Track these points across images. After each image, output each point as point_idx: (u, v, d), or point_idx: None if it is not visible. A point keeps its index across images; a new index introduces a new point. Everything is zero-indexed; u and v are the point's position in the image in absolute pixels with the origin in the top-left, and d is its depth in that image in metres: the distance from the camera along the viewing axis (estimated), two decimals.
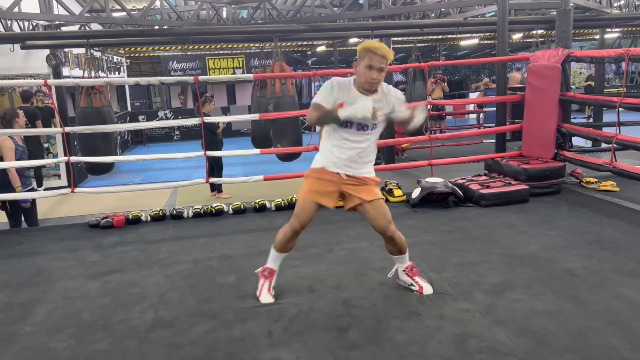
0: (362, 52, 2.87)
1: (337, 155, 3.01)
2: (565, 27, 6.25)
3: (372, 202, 3.04)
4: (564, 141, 6.00)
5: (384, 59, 2.83)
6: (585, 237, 4.14)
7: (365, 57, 2.85)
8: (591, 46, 18.62)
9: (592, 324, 2.73)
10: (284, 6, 9.25)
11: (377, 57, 2.82)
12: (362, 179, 3.05)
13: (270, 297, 3.18)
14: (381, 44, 2.87)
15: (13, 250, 4.61)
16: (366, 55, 2.84)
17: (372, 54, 2.82)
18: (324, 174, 3.05)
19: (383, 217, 3.06)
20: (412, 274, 3.23)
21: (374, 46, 2.85)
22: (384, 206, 3.07)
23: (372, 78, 2.86)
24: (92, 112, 6.39)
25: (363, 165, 3.06)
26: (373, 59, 2.83)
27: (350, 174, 3.02)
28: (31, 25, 8.47)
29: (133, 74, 17.72)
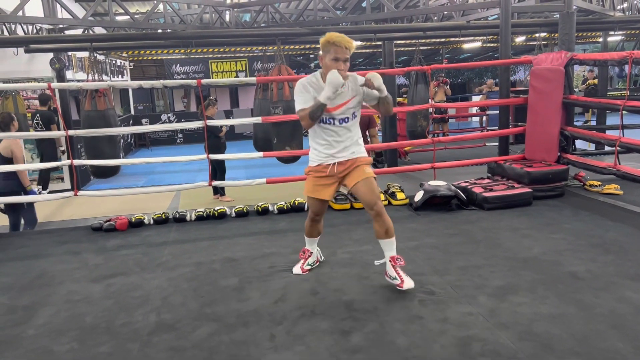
0: (327, 45, 3.08)
1: (327, 152, 3.30)
2: (568, 30, 6.25)
3: (363, 180, 3.25)
4: (567, 144, 5.99)
5: (347, 50, 3.07)
6: (589, 241, 4.13)
7: (330, 51, 3.07)
8: (594, 49, 18.59)
9: (596, 328, 2.72)
10: (286, 10, 9.28)
11: (341, 49, 3.05)
12: (352, 160, 3.31)
13: (300, 270, 3.65)
14: (343, 36, 3.07)
15: (16, 253, 4.62)
16: (331, 48, 3.07)
17: (336, 47, 3.05)
18: (320, 169, 3.35)
19: (372, 192, 3.24)
20: (396, 264, 3.28)
21: (337, 39, 3.05)
22: (373, 183, 3.26)
23: (340, 69, 3.07)
24: (97, 115, 6.41)
25: (351, 147, 3.32)
26: (338, 51, 3.06)
27: (341, 160, 3.30)
28: (35, 28, 8.50)
29: (136, 77, 17.77)
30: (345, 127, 3.29)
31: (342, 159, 3.32)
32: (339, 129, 3.28)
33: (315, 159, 3.40)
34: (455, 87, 21.87)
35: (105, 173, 6.80)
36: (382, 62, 9.55)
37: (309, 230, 3.64)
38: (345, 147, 3.31)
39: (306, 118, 3.16)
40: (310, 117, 3.13)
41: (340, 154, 3.31)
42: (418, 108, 7.91)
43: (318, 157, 3.37)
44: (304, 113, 3.16)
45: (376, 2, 9.48)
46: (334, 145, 3.30)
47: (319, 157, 3.36)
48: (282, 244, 4.43)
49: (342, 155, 3.31)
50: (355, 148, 3.36)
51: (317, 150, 3.37)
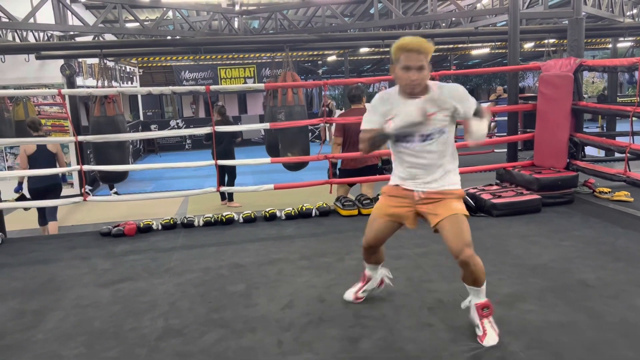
0: (396, 52, 2.57)
1: (407, 172, 2.74)
2: (578, 36, 6.22)
3: (447, 218, 2.64)
4: (576, 151, 5.95)
5: (422, 54, 2.51)
6: (599, 248, 4.09)
7: (400, 59, 2.55)
8: (604, 55, 18.50)
9: (607, 336, 2.69)
10: (295, 16, 9.31)
11: (412, 55, 2.51)
12: (440, 193, 2.70)
13: (352, 296, 3.22)
14: (416, 39, 2.53)
15: (26, 258, 4.65)
16: (400, 55, 2.54)
17: (406, 53, 2.51)
18: (397, 191, 2.80)
19: (458, 236, 2.61)
20: (482, 314, 2.70)
21: (407, 43, 2.52)
22: (461, 223, 2.64)
23: (412, 80, 2.54)
24: (106, 121, 6.46)
25: (441, 176, 2.71)
26: (408, 58, 2.52)
27: (427, 190, 2.70)
28: (46, 35, 8.59)
29: (145, 83, 17.90)
30: (429, 147, 2.64)
31: (427, 187, 2.71)
32: (420, 149, 2.66)
33: (394, 177, 2.86)
34: None
35: (113, 178, 6.84)
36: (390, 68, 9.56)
37: (366, 257, 3.09)
38: (431, 174, 2.69)
39: (365, 142, 2.61)
40: (370, 145, 2.59)
41: (423, 179, 2.71)
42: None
43: (395, 178, 2.84)
44: (365, 137, 2.62)
45: (384, 9, 9.49)
46: (416, 173, 2.71)
47: (397, 178, 2.82)
48: (290, 250, 4.43)
49: (428, 182, 2.71)
50: (446, 178, 2.73)
51: (396, 167, 2.83)
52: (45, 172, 5.79)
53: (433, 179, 2.69)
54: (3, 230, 5.38)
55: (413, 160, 2.68)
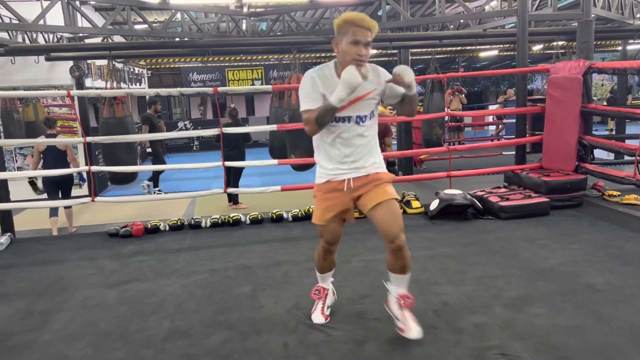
0: (344, 25, 2.45)
1: (338, 159, 2.64)
2: (587, 38, 6.18)
3: (384, 203, 2.59)
4: (585, 153, 5.91)
5: (370, 31, 2.44)
6: (607, 252, 4.06)
7: (348, 32, 2.44)
8: (613, 57, 18.38)
9: (615, 341, 2.66)
10: (302, 18, 9.32)
11: (362, 30, 2.42)
12: (372, 176, 2.66)
13: (322, 317, 2.99)
14: (364, 15, 2.46)
15: (34, 258, 4.68)
16: (349, 29, 2.43)
17: (355, 27, 2.42)
18: (330, 187, 2.69)
19: (393, 221, 2.58)
20: (405, 304, 2.73)
21: (357, 18, 2.42)
22: (395, 208, 2.62)
23: (360, 55, 2.44)
24: (115, 123, 6.49)
25: (369, 157, 2.67)
26: (358, 32, 2.42)
27: (358, 175, 2.65)
28: (56, 37, 8.66)
29: (154, 85, 17.98)
30: (361, 129, 2.62)
31: (358, 173, 2.65)
32: (354, 131, 2.61)
33: (322, 174, 2.73)
34: (471, 96, 21.75)
35: (123, 179, 6.87)
36: None
37: (322, 263, 2.96)
38: (363, 155, 2.64)
39: (312, 123, 2.50)
40: (317, 122, 2.49)
41: (355, 164, 2.64)
42: (434, 116, 7.88)
43: (326, 172, 2.70)
44: (310, 116, 2.51)
45: (392, 11, 9.49)
46: (348, 154, 2.62)
47: (328, 171, 2.69)
48: (296, 251, 4.43)
49: (359, 167, 2.64)
50: (376, 158, 2.70)
51: (324, 162, 2.71)
52: (55, 172, 5.86)
53: (363, 165, 2.65)
54: (12, 230, 5.42)
55: (346, 142, 2.61)
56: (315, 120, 2.48)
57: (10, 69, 8.52)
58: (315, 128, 2.52)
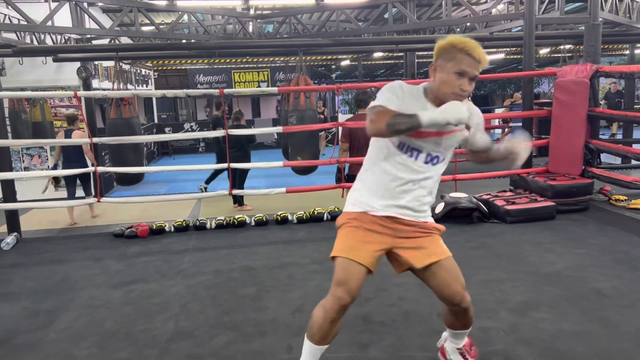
0: (450, 50, 1.98)
1: (385, 199, 2.12)
2: (594, 42, 6.15)
3: (443, 261, 2.17)
4: (592, 157, 5.88)
5: (480, 64, 1.99)
6: (614, 257, 4.03)
7: (454, 59, 1.97)
8: (620, 61, 18.29)
9: (621, 346, 2.64)
10: (309, 21, 9.33)
11: (472, 60, 1.97)
12: (422, 227, 2.19)
13: None
14: (477, 43, 1.99)
15: (40, 258, 4.70)
16: (456, 56, 1.96)
17: (464, 56, 1.95)
18: (367, 220, 2.14)
19: (457, 279, 2.17)
20: (471, 354, 2.43)
21: (470, 45, 1.96)
22: (457, 267, 2.20)
23: (463, 90, 1.99)
24: (122, 123, 6.51)
25: (424, 203, 2.19)
26: (466, 62, 1.96)
27: (408, 219, 2.15)
28: (63, 38, 8.70)
29: (160, 86, 18.03)
30: (430, 170, 2.12)
31: (408, 217, 2.15)
32: (418, 167, 2.10)
33: (358, 202, 2.18)
34: (477, 99, 21.68)
35: (129, 180, 6.88)
36: (404, 73, 9.54)
37: (327, 328, 2.09)
38: (418, 199, 2.14)
39: (382, 122, 1.94)
40: (389, 124, 1.92)
41: (407, 206, 2.13)
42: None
43: (364, 201, 2.16)
44: (382, 116, 1.96)
45: (398, 14, 9.48)
46: (402, 191, 2.11)
47: (370, 199, 2.15)
48: (301, 253, 4.42)
49: (409, 212, 2.14)
50: (429, 210, 2.23)
51: (365, 191, 2.18)
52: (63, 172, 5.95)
53: (421, 208, 2.17)
54: (18, 230, 5.44)
55: (405, 179, 2.10)
56: (387, 123, 1.93)
57: (18, 69, 8.57)
58: (382, 129, 1.95)
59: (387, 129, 1.94)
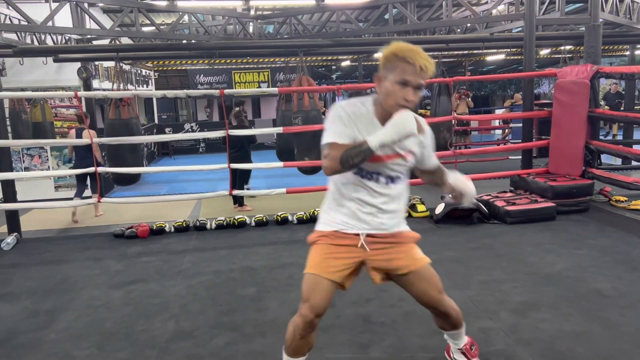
0: (392, 59, 1.91)
1: (353, 209, 2.09)
2: (595, 43, 6.15)
3: (420, 269, 2.16)
4: (592, 158, 5.88)
5: (423, 72, 1.89)
6: (614, 257, 4.03)
7: (395, 69, 1.89)
8: (621, 62, 18.29)
9: (622, 347, 2.64)
10: (309, 21, 9.32)
11: (413, 68, 1.88)
12: (395, 237, 2.16)
13: None
14: (419, 49, 1.91)
15: (41, 258, 4.70)
16: (397, 65, 1.89)
17: (406, 65, 1.87)
18: (337, 236, 2.12)
19: (434, 287, 2.19)
20: (473, 354, 2.43)
21: (410, 53, 1.88)
22: (432, 272, 2.20)
23: (408, 100, 1.91)
24: (120, 124, 6.51)
25: (393, 215, 2.14)
26: (408, 71, 1.88)
27: (379, 233, 2.12)
28: (64, 39, 8.71)
29: (161, 87, 18.03)
30: (393, 189, 2.10)
31: (380, 231, 2.12)
32: (383, 190, 2.08)
33: (329, 222, 2.15)
34: (478, 100, 21.67)
35: (126, 181, 6.89)
36: None
37: (297, 343, 2.13)
38: (387, 214, 2.12)
39: (335, 160, 1.92)
40: (343, 162, 1.91)
41: (376, 225, 2.11)
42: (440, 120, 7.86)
43: (335, 220, 2.13)
44: (334, 153, 1.92)
45: (399, 14, 9.48)
46: (369, 213, 2.10)
47: (339, 219, 2.12)
48: (301, 254, 4.39)
49: (381, 228, 2.12)
50: (400, 217, 2.20)
51: (333, 212, 2.15)
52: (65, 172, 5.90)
53: (391, 222, 2.14)
54: (18, 230, 5.44)
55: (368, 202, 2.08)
56: (341, 159, 1.91)
57: (18, 69, 8.57)
58: (337, 167, 1.94)
59: (343, 166, 1.93)
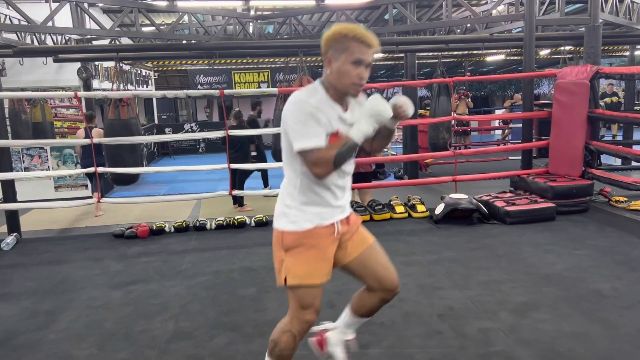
0: (341, 40, 1.93)
1: (327, 198, 2.06)
2: (594, 43, 6.16)
3: (372, 245, 2.19)
4: (592, 159, 5.88)
5: (373, 49, 1.96)
6: (614, 258, 4.03)
7: (347, 49, 1.92)
8: (621, 63, 18.30)
9: (622, 348, 2.64)
10: (309, 22, 9.32)
11: (365, 47, 1.93)
12: (351, 220, 2.18)
13: None
14: (365, 28, 1.97)
15: (40, 258, 4.70)
16: (349, 45, 1.92)
17: (357, 44, 1.92)
18: (315, 235, 2.05)
19: (390, 266, 2.19)
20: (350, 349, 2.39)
21: (360, 32, 1.92)
22: (383, 251, 2.22)
23: (362, 78, 1.96)
24: (120, 124, 6.51)
25: (348, 194, 2.18)
26: (361, 50, 1.92)
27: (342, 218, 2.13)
28: (64, 39, 8.71)
29: (161, 87, 18.03)
30: (349, 168, 2.14)
31: (344, 216, 2.13)
32: (345, 169, 2.10)
33: (304, 219, 2.04)
34: (478, 100, 21.67)
35: (125, 181, 6.89)
36: (404, 74, 9.54)
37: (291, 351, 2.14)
38: (347, 197, 2.16)
39: (328, 164, 1.91)
40: (337, 164, 1.93)
41: (341, 206, 2.12)
42: (440, 120, 7.87)
43: (311, 216, 2.04)
44: (324, 156, 1.91)
45: (399, 15, 9.48)
46: (338, 195, 2.09)
47: (314, 215, 2.05)
48: None
49: (345, 211, 2.15)
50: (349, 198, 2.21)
51: (307, 205, 2.05)
52: (64, 173, 5.89)
53: (347, 204, 2.17)
54: (18, 230, 5.44)
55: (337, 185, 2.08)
56: (334, 161, 1.91)
57: (18, 70, 8.57)
58: (331, 171, 1.95)
59: (335, 168, 1.95)
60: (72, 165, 8.62)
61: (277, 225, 2.11)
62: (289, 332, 2.09)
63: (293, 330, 2.08)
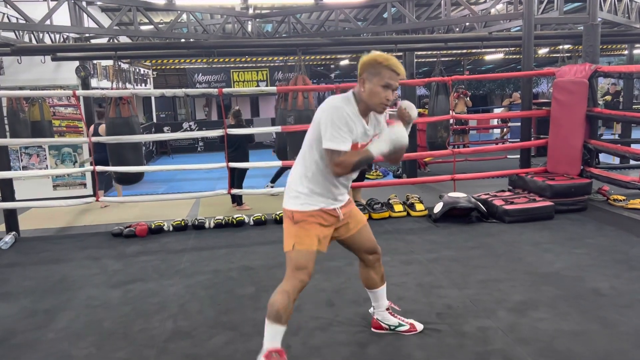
0: (377, 67, 2.36)
1: (330, 196, 2.53)
2: (593, 42, 6.16)
3: (365, 224, 2.75)
4: (590, 157, 5.88)
5: (400, 77, 2.39)
6: (613, 256, 4.04)
7: (380, 74, 2.34)
8: (619, 62, 18.32)
9: (620, 347, 2.65)
10: (308, 20, 9.32)
11: (395, 75, 2.36)
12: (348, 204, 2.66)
13: None
14: (397, 59, 2.40)
15: (39, 257, 4.70)
16: (381, 71, 2.34)
17: (389, 72, 2.34)
18: (320, 215, 2.51)
19: (372, 236, 2.78)
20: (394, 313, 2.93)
21: (393, 62, 2.35)
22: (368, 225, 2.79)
23: (388, 99, 2.39)
24: (121, 122, 6.50)
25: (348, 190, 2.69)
26: (392, 77, 2.35)
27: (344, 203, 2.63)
28: (62, 37, 8.69)
29: (159, 85, 18.02)
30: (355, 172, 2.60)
31: (344, 201, 2.62)
32: None
33: (311, 203, 2.48)
34: (476, 99, 21.68)
35: (129, 180, 6.87)
36: None
37: (289, 309, 2.43)
38: (347, 186, 2.64)
39: (347, 167, 2.36)
40: (354, 169, 2.41)
41: (344, 194, 2.62)
42: (438, 119, 7.87)
43: (318, 200, 2.49)
44: (346, 160, 2.35)
45: (397, 13, 9.48)
46: (342, 190, 2.58)
47: (321, 199, 2.49)
48: None
49: (344, 197, 2.63)
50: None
51: (315, 193, 2.49)
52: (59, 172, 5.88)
53: (347, 196, 2.67)
54: (16, 229, 5.44)
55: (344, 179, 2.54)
56: (353, 167, 2.38)
57: (16, 68, 8.55)
58: (347, 172, 2.42)
59: (352, 172, 2.44)
60: (70, 164, 8.60)
61: (287, 206, 2.53)
62: (283, 291, 2.41)
63: (287, 288, 2.42)
